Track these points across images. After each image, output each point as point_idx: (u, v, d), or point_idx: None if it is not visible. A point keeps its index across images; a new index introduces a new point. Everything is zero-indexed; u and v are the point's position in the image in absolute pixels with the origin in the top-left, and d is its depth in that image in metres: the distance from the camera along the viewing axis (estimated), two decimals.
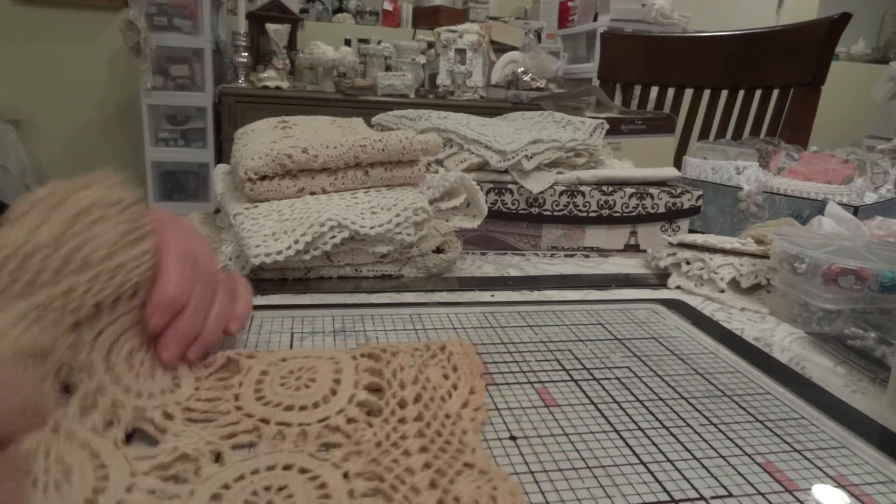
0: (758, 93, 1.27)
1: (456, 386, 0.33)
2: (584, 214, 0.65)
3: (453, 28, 2.39)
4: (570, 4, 2.87)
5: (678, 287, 0.57)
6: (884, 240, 0.59)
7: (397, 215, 0.51)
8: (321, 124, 0.63)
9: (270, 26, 2.25)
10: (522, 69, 2.45)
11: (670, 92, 1.43)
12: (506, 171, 0.64)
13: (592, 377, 0.38)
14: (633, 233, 0.67)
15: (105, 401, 0.29)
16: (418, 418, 0.30)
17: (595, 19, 2.65)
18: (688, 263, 0.58)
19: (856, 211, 0.68)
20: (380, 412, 0.31)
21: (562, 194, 0.64)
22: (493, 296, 0.52)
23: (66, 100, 2.58)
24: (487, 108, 2.29)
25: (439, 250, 0.56)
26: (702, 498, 0.27)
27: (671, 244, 0.60)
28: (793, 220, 0.63)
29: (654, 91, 1.46)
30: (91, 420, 0.28)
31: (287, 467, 0.26)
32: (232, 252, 0.50)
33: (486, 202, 0.61)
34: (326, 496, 0.24)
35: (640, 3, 2.50)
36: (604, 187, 0.65)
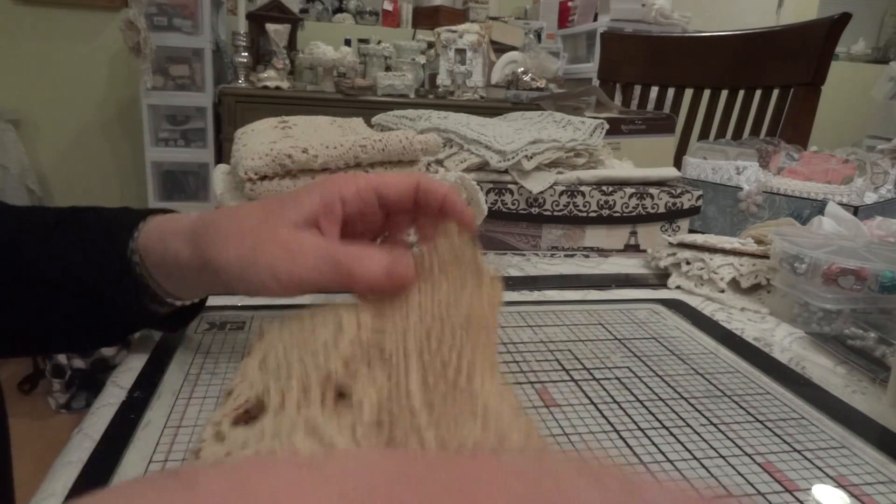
0: (758, 93, 1.27)
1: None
2: (584, 214, 0.65)
3: (453, 28, 2.38)
4: (570, 4, 2.87)
5: (678, 287, 0.57)
6: (884, 240, 0.59)
7: None
8: (321, 124, 0.63)
9: (270, 26, 2.25)
10: (522, 69, 2.45)
11: (670, 92, 1.43)
12: (506, 171, 0.64)
13: (592, 377, 0.38)
14: (633, 233, 0.67)
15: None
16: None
17: (595, 19, 2.65)
18: (688, 263, 0.58)
19: (856, 211, 0.68)
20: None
21: (562, 194, 0.64)
22: None
23: (66, 100, 2.57)
24: (487, 108, 2.28)
25: None
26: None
27: (671, 244, 0.60)
28: (793, 220, 0.63)
29: (654, 91, 1.46)
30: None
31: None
32: None
33: (486, 202, 0.61)
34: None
35: (640, 3, 2.49)
36: (604, 187, 0.65)
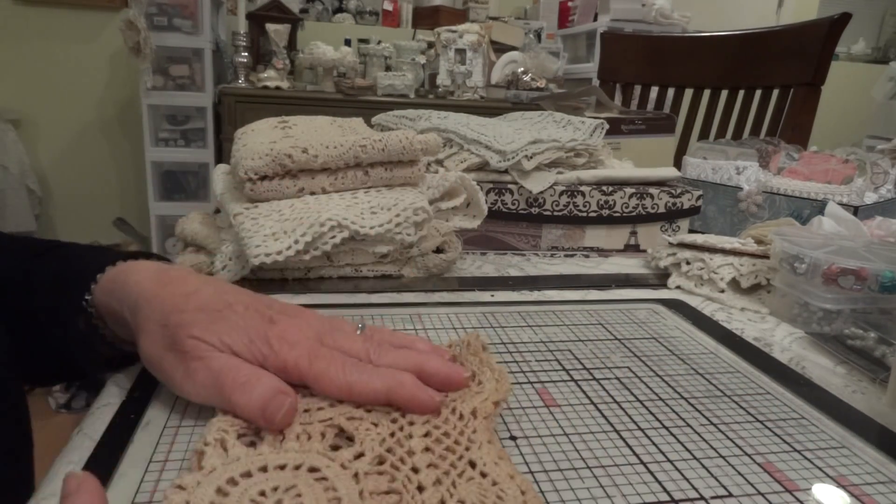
0: (758, 93, 1.27)
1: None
2: (584, 214, 0.65)
3: (453, 28, 2.38)
4: (570, 4, 2.87)
5: (678, 287, 0.57)
6: (884, 240, 0.59)
7: (397, 215, 0.51)
8: (321, 124, 0.63)
9: (270, 26, 2.25)
10: (522, 69, 2.45)
11: (670, 92, 1.43)
12: (506, 171, 0.64)
13: (592, 377, 0.38)
14: (633, 233, 0.67)
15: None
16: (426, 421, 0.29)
17: (595, 19, 2.65)
18: (688, 263, 0.58)
19: (856, 211, 0.68)
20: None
21: (562, 194, 0.64)
22: (493, 296, 0.52)
23: (66, 100, 2.57)
24: (487, 108, 2.28)
25: (439, 250, 0.56)
26: (702, 498, 0.27)
27: (671, 244, 0.60)
28: (793, 220, 0.63)
29: (654, 91, 1.46)
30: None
31: (296, 467, 0.25)
32: (232, 252, 0.50)
33: (486, 202, 0.61)
34: (337, 499, 0.24)
35: (640, 3, 2.49)
36: (604, 187, 0.65)
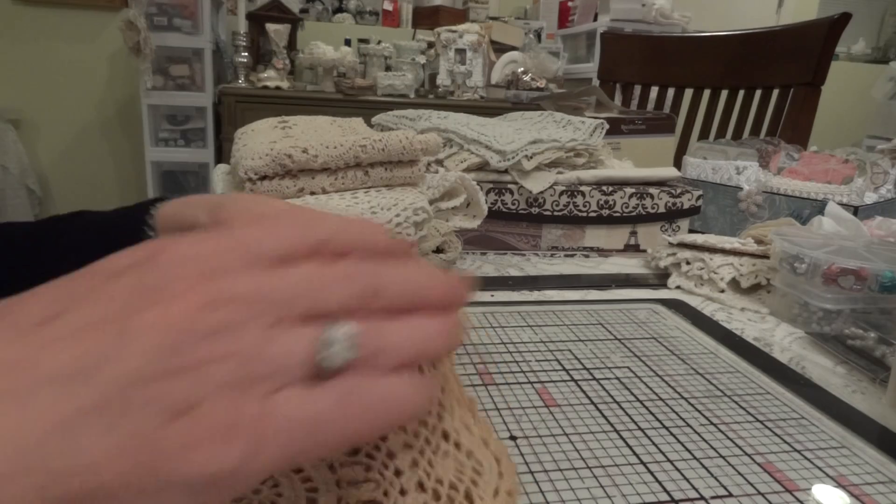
0: (758, 93, 1.27)
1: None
2: (584, 214, 0.65)
3: (453, 28, 2.38)
4: (570, 4, 2.87)
5: (678, 287, 0.57)
6: (884, 240, 0.59)
7: (397, 215, 0.51)
8: (321, 124, 0.63)
9: (270, 26, 2.25)
10: (522, 69, 2.45)
11: (670, 92, 1.43)
12: (506, 171, 0.64)
13: (592, 377, 0.38)
14: (633, 233, 0.67)
15: None
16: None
17: (595, 19, 2.65)
18: (688, 263, 0.58)
19: (856, 211, 0.68)
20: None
21: (562, 194, 0.64)
22: (493, 296, 0.52)
23: (66, 100, 2.57)
24: (487, 108, 2.28)
25: (439, 250, 0.56)
26: (702, 498, 0.27)
27: (671, 244, 0.60)
28: (793, 220, 0.63)
29: (654, 91, 1.46)
30: None
31: None
32: None
33: (486, 202, 0.61)
34: (314, 489, 0.23)
35: (640, 3, 2.49)
36: (604, 187, 0.65)
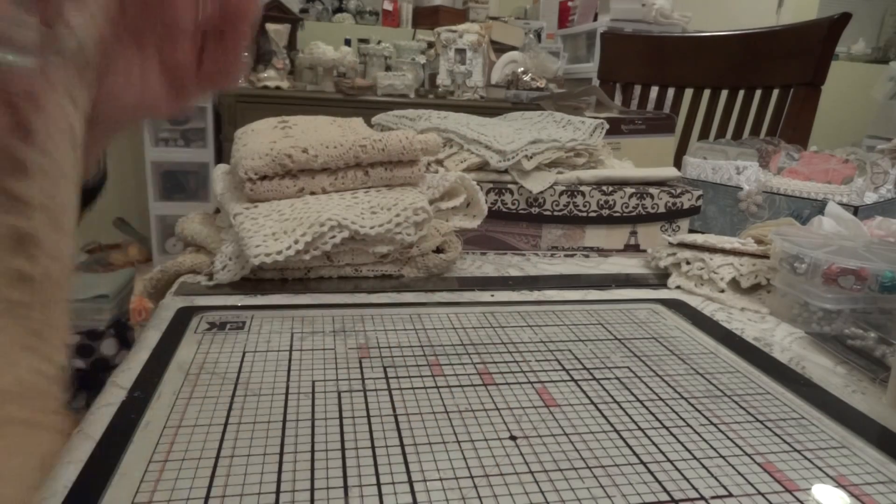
0: (758, 93, 1.27)
1: None
2: (584, 214, 0.65)
3: (453, 28, 2.39)
4: (570, 4, 2.87)
5: (678, 287, 0.57)
6: (884, 240, 0.59)
7: (397, 215, 0.51)
8: (321, 124, 0.63)
9: (270, 26, 2.25)
10: (522, 69, 2.45)
11: (670, 92, 1.43)
12: (506, 171, 0.64)
13: (592, 377, 0.38)
14: (633, 233, 0.67)
15: None
16: None
17: (595, 19, 2.65)
18: (688, 263, 0.58)
19: (856, 211, 0.68)
20: None
21: (562, 194, 0.64)
22: (493, 296, 0.52)
23: None
24: (487, 108, 2.28)
25: (439, 250, 0.56)
26: (702, 498, 0.27)
27: (671, 244, 0.60)
28: (793, 220, 0.63)
29: (654, 91, 1.46)
30: None
31: None
32: (232, 252, 0.50)
33: (486, 202, 0.61)
34: None
35: (640, 3, 2.49)
36: (604, 187, 0.65)
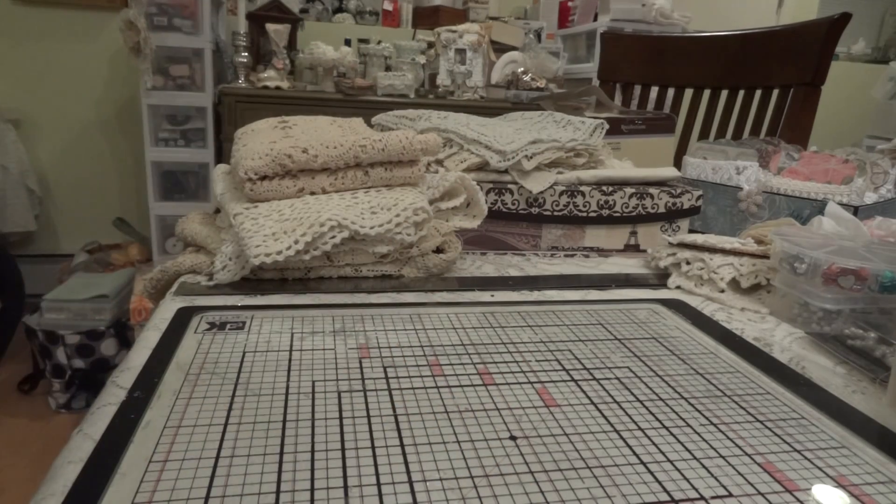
0: (758, 93, 1.27)
1: None
2: (584, 214, 0.65)
3: (453, 28, 2.38)
4: (570, 4, 2.87)
5: (678, 287, 0.57)
6: (884, 240, 0.59)
7: (397, 215, 0.51)
8: (321, 124, 0.63)
9: (270, 26, 2.25)
10: (522, 69, 2.45)
11: (670, 92, 1.43)
12: (506, 171, 0.64)
13: (592, 377, 0.38)
14: (633, 233, 0.67)
15: None
16: None
17: (595, 19, 2.65)
18: (688, 263, 0.57)
19: (856, 211, 0.67)
20: None
21: (562, 194, 0.64)
22: (493, 296, 0.52)
23: (66, 100, 2.57)
24: (487, 108, 2.28)
25: (439, 250, 0.56)
26: (702, 498, 0.27)
27: (671, 244, 0.60)
28: (793, 220, 0.63)
29: (654, 91, 1.46)
30: None
31: None
32: (232, 252, 0.50)
33: (486, 202, 0.61)
34: None
35: (640, 3, 2.49)
36: (604, 187, 0.65)
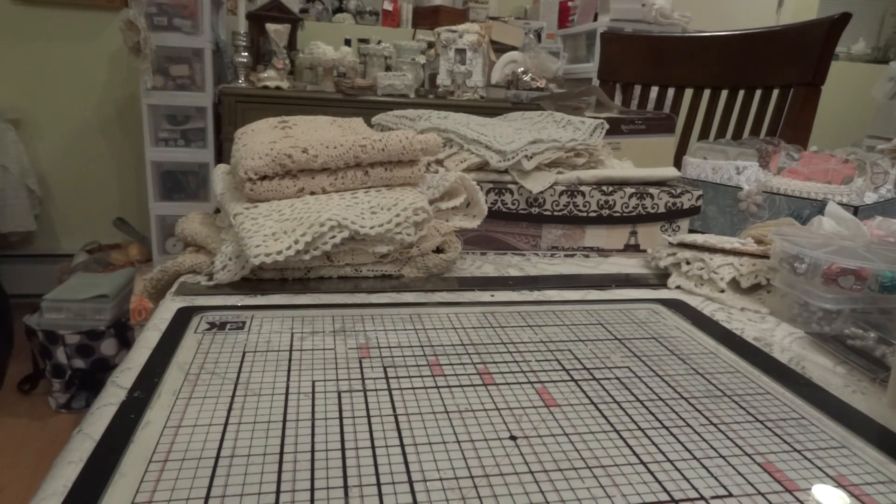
0: (758, 93, 1.27)
1: None
2: (584, 214, 0.65)
3: (453, 28, 2.38)
4: (570, 4, 2.87)
5: (678, 287, 0.57)
6: (884, 240, 0.59)
7: (397, 215, 0.51)
8: (321, 124, 0.63)
9: (270, 26, 2.25)
10: (522, 69, 2.45)
11: (670, 92, 1.43)
12: (506, 171, 0.64)
13: (592, 377, 0.38)
14: (633, 233, 0.67)
15: None
16: None
17: (595, 19, 2.65)
18: (688, 263, 0.57)
19: (856, 211, 0.67)
20: None
21: (562, 194, 0.64)
22: (493, 296, 0.52)
23: (66, 100, 2.57)
24: (487, 108, 2.28)
25: (439, 250, 0.56)
26: (702, 498, 0.27)
27: (671, 244, 0.60)
28: (793, 220, 0.63)
29: (654, 91, 1.46)
30: None
31: None
32: (232, 252, 0.50)
33: (486, 202, 0.61)
34: None
35: (640, 3, 2.49)
36: (604, 187, 0.65)
